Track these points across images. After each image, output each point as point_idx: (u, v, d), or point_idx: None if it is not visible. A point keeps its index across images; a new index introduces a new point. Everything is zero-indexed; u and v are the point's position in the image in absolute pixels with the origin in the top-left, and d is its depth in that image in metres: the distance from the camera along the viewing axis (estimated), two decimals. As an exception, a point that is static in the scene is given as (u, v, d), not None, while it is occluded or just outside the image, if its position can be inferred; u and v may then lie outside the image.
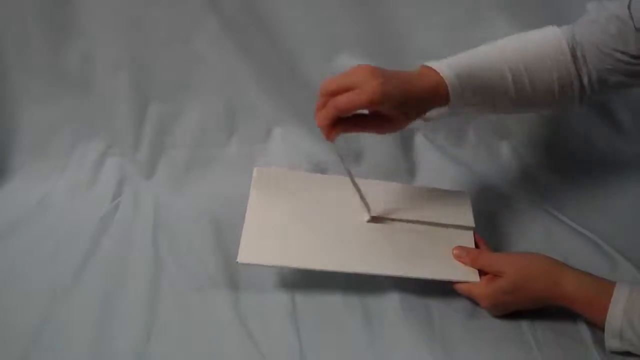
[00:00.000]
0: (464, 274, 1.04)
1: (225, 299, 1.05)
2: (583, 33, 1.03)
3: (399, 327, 1.01)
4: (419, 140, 1.34)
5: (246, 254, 1.02)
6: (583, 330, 1.00)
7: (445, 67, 1.00)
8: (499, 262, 1.02)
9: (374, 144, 1.32)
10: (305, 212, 1.09)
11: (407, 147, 1.33)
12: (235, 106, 1.30)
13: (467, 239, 1.09)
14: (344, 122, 0.96)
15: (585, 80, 1.04)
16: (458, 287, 1.03)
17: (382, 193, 1.12)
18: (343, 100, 0.93)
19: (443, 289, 1.04)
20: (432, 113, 1.02)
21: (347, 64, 1.22)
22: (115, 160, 1.29)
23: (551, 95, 1.04)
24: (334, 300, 1.05)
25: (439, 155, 1.33)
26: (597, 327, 0.97)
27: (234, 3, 1.20)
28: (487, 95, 1.03)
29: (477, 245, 1.08)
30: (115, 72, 1.24)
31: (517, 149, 1.33)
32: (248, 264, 1.02)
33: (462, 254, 1.06)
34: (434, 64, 1.00)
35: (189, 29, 1.22)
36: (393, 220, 1.09)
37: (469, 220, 1.11)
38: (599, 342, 0.97)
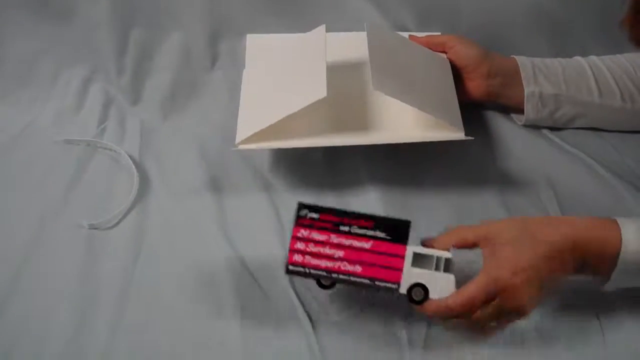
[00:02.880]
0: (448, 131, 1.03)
1: (211, 214, 1.07)
2: None
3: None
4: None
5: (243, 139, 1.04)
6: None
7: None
8: (490, 227, 0.88)
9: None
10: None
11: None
12: (219, 30, 1.29)
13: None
14: None
15: None
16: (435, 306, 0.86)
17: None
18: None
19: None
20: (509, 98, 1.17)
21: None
22: (100, 86, 1.28)
23: None
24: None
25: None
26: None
27: None
28: (564, 82, 1.14)
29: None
30: (97, -1, 1.23)
31: None
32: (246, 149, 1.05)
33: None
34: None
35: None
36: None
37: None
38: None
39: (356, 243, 0.85)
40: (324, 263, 0.85)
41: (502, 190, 1.11)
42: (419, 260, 0.85)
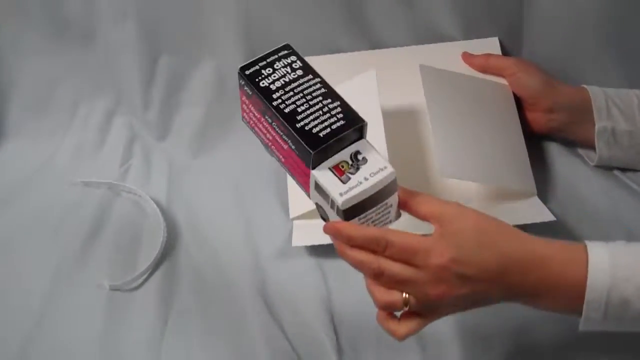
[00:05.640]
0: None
1: (247, 271, 0.99)
2: None
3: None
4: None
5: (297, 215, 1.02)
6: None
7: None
8: (445, 209, 0.77)
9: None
10: None
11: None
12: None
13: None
14: None
15: None
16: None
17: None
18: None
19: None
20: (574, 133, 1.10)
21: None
22: (124, 119, 1.21)
23: None
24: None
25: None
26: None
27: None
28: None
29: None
30: (121, 22, 1.17)
31: None
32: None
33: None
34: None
35: (202, -27, 1.15)
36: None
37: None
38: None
39: (278, 138, 0.81)
40: (263, 136, 0.84)
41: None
42: (320, 190, 0.79)
